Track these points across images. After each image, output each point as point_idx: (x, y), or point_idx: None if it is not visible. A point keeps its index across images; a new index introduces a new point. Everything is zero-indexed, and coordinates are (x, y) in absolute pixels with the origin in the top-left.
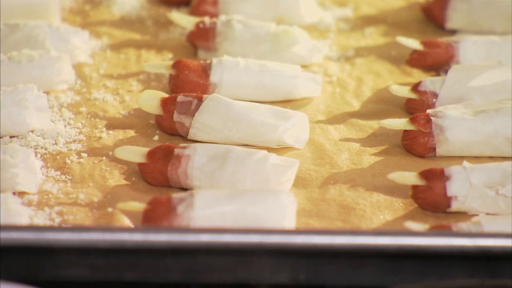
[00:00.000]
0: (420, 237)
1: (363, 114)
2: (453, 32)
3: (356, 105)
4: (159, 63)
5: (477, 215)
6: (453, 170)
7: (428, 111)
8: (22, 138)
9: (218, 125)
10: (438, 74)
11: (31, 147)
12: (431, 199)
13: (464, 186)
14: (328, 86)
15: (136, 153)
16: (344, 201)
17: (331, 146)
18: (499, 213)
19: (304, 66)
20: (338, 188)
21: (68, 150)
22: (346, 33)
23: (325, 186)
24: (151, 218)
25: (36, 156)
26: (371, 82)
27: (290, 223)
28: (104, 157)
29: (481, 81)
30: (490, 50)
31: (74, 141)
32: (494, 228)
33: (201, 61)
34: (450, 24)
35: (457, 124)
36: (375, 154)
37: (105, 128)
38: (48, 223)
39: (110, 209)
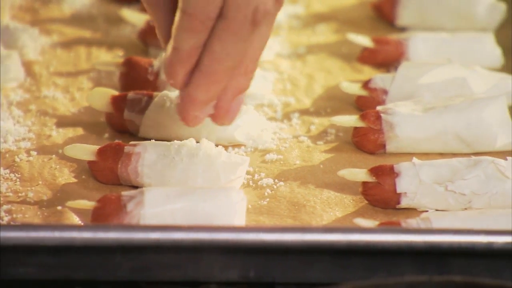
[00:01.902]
0: (369, 233)
1: (314, 111)
2: (403, 29)
3: (307, 102)
4: (110, 60)
5: (426, 211)
6: (403, 166)
7: (378, 108)
8: None
9: (168, 122)
10: (388, 71)
11: None
12: (380, 196)
13: (413, 182)
14: (279, 83)
15: (86, 151)
16: (294, 198)
17: (281, 143)
18: (448, 209)
19: None
20: (288, 185)
21: (17, 148)
22: (298, 30)
23: (276, 183)
24: (101, 216)
25: None
26: (322, 79)
27: (240, 220)
28: (53, 155)
29: (431, 78)
30: (440, 47)
31: (24, 139)
32: (443, 224)
33: (152, 59)
34: (401, 21)
35: (406, 121)
36: (326, 151)
37: (55, 126)
38: None
39: (59, 208)
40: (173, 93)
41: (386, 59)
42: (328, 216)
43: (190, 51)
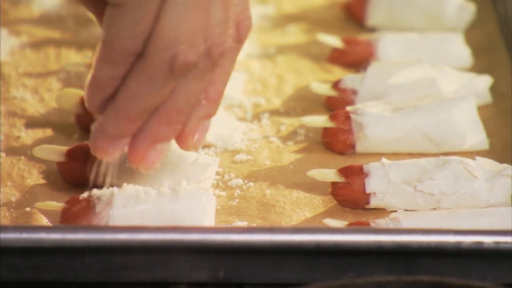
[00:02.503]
0: (338, 233)
1: (284, 111)
2: (373, 29)
3: (277, 103)
4: (79, 61)
5: (395, 211)
6: (372, 166)
7: (348, 108)
8: None
9: None
10: (358, 72)
11: None
12: (350, 196)
13: (382, 182)
14: (249, 84)
15: (55, 152)
16: (264, 198)
17: (251, 143)
18: (417, 209)
19: None
20: (258, 186)
21: None
22: (268, 31)
23: (246, 183)
24: (70, 217)
25: None
26: (292, 80)
27: (209, 221)
28: (22, 156)
29: (400, 78)
30: (409, 47)
31: None
32: (412, 224)
33: None
34: (371, 21)
35: (376, 121)
36: (296, 152)
37: (23, 127)
38: None
39: (28, 209)
40: None
41: (356, 59)
42: (298, 216)
43: (107, 81)
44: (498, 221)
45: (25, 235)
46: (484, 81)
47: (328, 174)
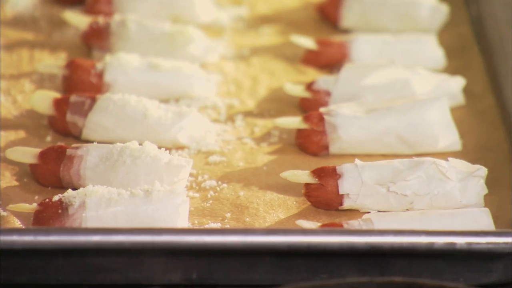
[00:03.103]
0: (311, 235)
1: (258, 113)
2: (347, 31)
3: (251, 104)
4: (52, 63)
5: (368, 212)
6: (345, 168)
7: (321, 109)
8: None
9: (112, 125)
10: (332, 73)
11: None
12: (323, 197)
13: (355, 183)
14: (223, 85)
15: (27, 154)
16: (237, 200)
17: (225, 145)
18: (390, 210)
19: (199, 66)
20: (232, 187)
21: None
22: (242, 32)
23: (219, 185)
24: (43, 219)
25: None
26: (266, 81)
27: (183, 222)
28: None
29: (373, 79)
30: (383, 48)
31: None
32: (385, 225)
33: (95, 61)
34: (344, 23)
35: (349, 122)
36: (269, 153)
37: None
38: None
39: (0, 211)
40: (116, 96)
41: (330, 60)
42: (271, 217)
43: None
44: (470, 222)
45: None
46: (457, 83)
47: (302, 175)
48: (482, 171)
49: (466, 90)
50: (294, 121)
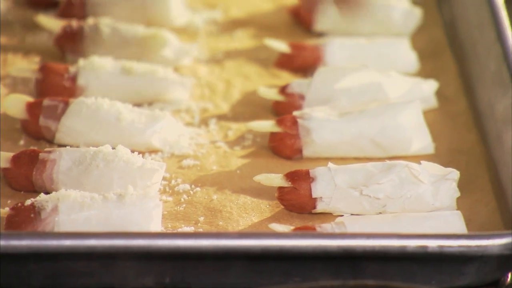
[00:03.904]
0: (284, 238)
1: (231, 116)
2: (321, 34)
3: (224, 108)
4: (25, 67)
5: (342, 215)
6: (318, 171)
7: (295, 113)
8: None
9: (85, 128)
10: (306, 77)
11: None
12: (296, 201)
13: (328, 187)
14: (197, 89)
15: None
16: (211, 203)
17: (199, 149)
18: (363, 213)
19: (173, 69)
20: (205, 191)
21: None
22: (216, 36)
23: (193, 189)
24: (15, 223)
25: None
26: (240, 85)
27: (156, 226)
28: None
29: (347, 83)
30: (356, 52)
31: None
32: (357, 228)
33: (68, 65)
34: (318, 26)
35: (322, 126)
36: (243, 157)
37: None
38: None
39: None
40: (89, 100)
41: (303, 64)
42: (244, 221)
43: None
44: (443, 225)
45: None
46: (430, 86)
47: (275, 179)
48: (455, 174)
49: (439, 93)
50: (267, 125)
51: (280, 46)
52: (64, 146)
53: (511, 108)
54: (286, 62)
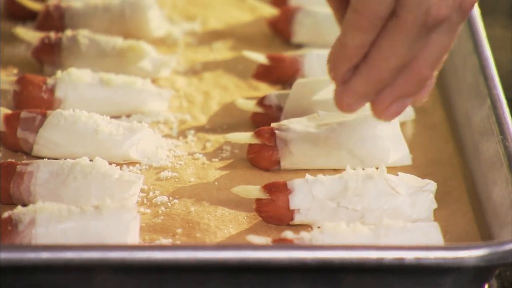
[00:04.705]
0: (261, 250)
1: (209, 128)
2: (299, 46)
3: (203, 119)
4: (3, 78)
5: (319, 227)
6: (296, 183)
7: (273, 124)
8: None
9: (63, 141)
10: (284, 88)
11: None
12: (274, 212)
13: (306, 199)
14: (175, 100)
15: None
16: (188, 215)
17: (177, 160)
18: (341, 225)
19: (152, 81)
20: (183, 203)
21: None
22: (194, 47)
23: (170, 201)
24: None
25: None
26: (218, 96)
27: (133, 238)
28: None
29: (325, 94)
30: None
31: None
32: (335, 240)
33: (46, 77)
34: (296, 38)
35: (300, 137)
36: (221, 168)
37: None
38: None
39: None
40: (67, 112)
41: (282, 76)
42: (222, 233)
43: (356, 48)
44: (420, 236)
45: None
46: None
47: (253, 190)
48: (432, 185)
49: None
50: (245, 136)
51: (258, 57)
52: (42, 158)
53: (488, 120)
54: (264, 74)
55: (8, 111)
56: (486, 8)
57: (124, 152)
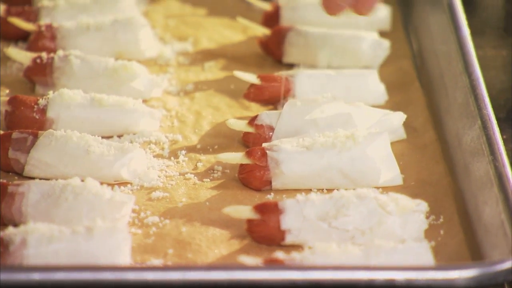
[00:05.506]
0: (252, 271)
1: (201, 148)
2: (291, 65)
3: (194, 139)
4: None
5: (311, 247)
6: (287, 203)
7: (264, 144)
8: None
9: (54, 161)
10: (276, 108)
11: None
12: (265, 233)
13: (297, 219)
14: (167, 120)
15: None
16: (180, 236)
17: (168, 180)
18: (332, 245)
19: (143, 101)
20: (174, 223)
21: None
22: (186, 67)
23: (162, 221)
24: None
25: None
26: (210, 116)
27: (124, 259)
28: None
29: (316, 114)
30: (325, 83)
31: None
32: (326, 261)
33: (38, 97)
34: (287, 58)
35: (291, 158)
36: (212, 188)
37: None
38: None
39: None
40: (58, 132)
41: (273, 95)
42: (213, 253)
43: None
44: (410, 257)
45: None
46: (398, 118)
47: (244, 211)
48: (423, 206)
49: (407, 124)
50: (236, 157)
51: (250, 77)
52: (34, 178)
53: (478, 140)
54: (255, 94)
55: (0, 132)
56: (476, 28)
57: (115, 172)
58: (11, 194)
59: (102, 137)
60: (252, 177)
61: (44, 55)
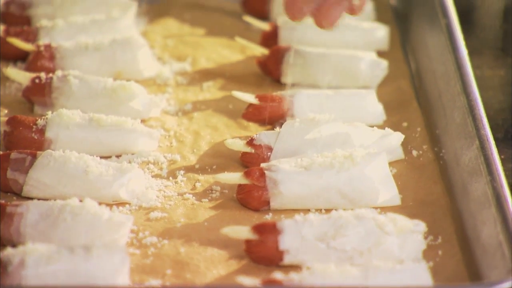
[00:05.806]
0: None
1: (199, 168)
2: (289, 85)
3: (192, 159)
4: None
5: (309, 268)
6: (285, 223)
7: (262, 165)
8: None
9: (53, 182)
10: (274, 128)
11: None
12: (263, 253)
13: (296, 239)
14: (165, 140)
15: None
16: (178, 256)
17: (166, 201)
18: (330, 266)
19: (142, 121)
20: (172, 244)
21: None
22: (184, 87)
23: (160, 241)
24: None
25: None
26: (208, 136)
27: (123, 280)
28: None
29: (314, 134)
30: (324, 103)
31: None
32: (324, 281)
33: (37, 117)
34: (286, 78)
35: (290, 178)
36: (211, 208)
37: None
38: None
39: None
40: (57, 153)
41: (271, 115)
42: (212, 274)
43: None
44: (409, 277)
45: None
46: (396, 138)
47: (242, 231)
48: (421, 226)
49: (405, 144)
50: (235, 177)
51: (248, 97)
52: (32, 199)
53: (476, 160)
54: (254, 114)
55: None
56: (474, 48)
57: (114, 192)
58: (9, 215)
59: (101, 157)
60: (251, 198)
61: (43, 75)
